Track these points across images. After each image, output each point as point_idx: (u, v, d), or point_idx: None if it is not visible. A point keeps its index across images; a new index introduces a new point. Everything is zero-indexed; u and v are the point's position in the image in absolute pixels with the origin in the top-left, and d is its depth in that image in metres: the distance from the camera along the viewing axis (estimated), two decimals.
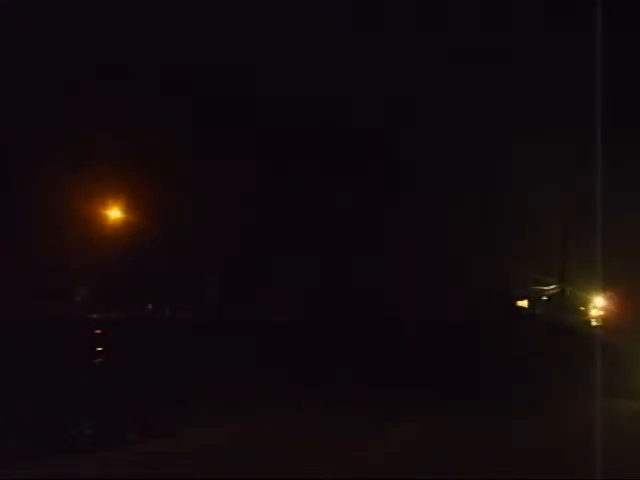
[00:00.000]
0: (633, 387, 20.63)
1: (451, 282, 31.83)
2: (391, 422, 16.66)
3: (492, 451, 13.67)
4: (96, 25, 27.63)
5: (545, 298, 34.38)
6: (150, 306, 29.25)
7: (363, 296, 31.68)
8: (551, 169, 28.97)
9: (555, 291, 33.42)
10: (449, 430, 15.97)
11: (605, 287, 29.88)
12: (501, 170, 29.82)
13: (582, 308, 33.15)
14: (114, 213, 28.42)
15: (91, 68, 27.20)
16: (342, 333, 25.29)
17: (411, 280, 32.19)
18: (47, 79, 26.10)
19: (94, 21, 27.53)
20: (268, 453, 13.26)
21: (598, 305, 31.61)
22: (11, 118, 25.25)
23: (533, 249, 30.05)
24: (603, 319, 29.81)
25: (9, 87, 24.48)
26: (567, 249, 29.51)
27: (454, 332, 25.95)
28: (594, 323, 30.89)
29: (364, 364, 22.23)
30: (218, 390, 18.93)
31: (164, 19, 28.63)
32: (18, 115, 25.47)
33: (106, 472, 11.86)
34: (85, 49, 27.15)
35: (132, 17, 28.11)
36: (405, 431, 15.82)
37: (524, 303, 35.65)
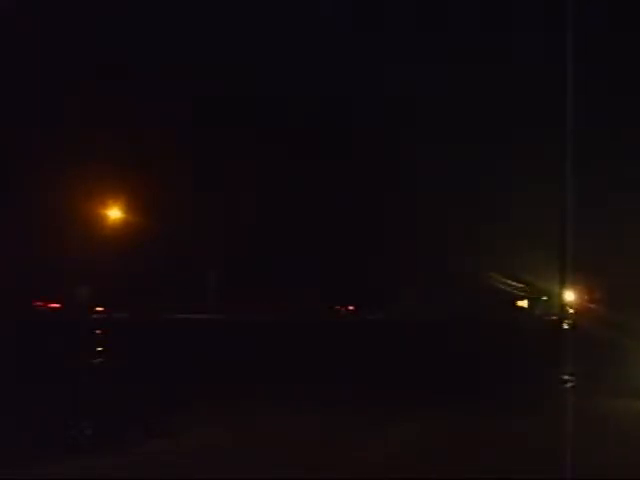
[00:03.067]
0: (637, 387, 20.55)
1: (450, 282, 31.85)
2: (391, 422, 16.65)
3: (492, 451, 13.65)
4: (96, 25, 27.65)
5: (545, 298, 34.33)
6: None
7: (362, 296, 31.68)
8: (550, 169, 28.91)
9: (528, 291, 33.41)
10: (449, 430, 15.96)
11: (577, 282, 29.95)
12: (501, 170, 29.82)
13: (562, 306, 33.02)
14: (114, 213, 28.41)
15: (91, 68, 27.21)
16: (342, 333, 25.30)
17: (411, 280, 32.21)
18: (47, 79, 26.11)
19: (94, 21, 27.54)
20: (268, 453, 13.26)
21: (570, 300, 31.52)
22: (11, 118, 25.25)
23: (524, 248, 29.94)
24: (577, 314, 29.70)
25: (9, 87, 24.48)
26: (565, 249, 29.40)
27: (454, 332, 25.94)
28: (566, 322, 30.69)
29: (364, 364, 22.22)
30: (218, 390, 18.95)
31: (164, 19, 28.65)
32: (18, 115, 25.48)
33: (106, 472, 11.86)
34: (85, 49, 27.17)
35: (132, 17, 28.13)
36: (405, 431, 15.82)
37: (524, 303, 35.63)
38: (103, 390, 15.07)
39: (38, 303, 26.18)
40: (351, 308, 32.63)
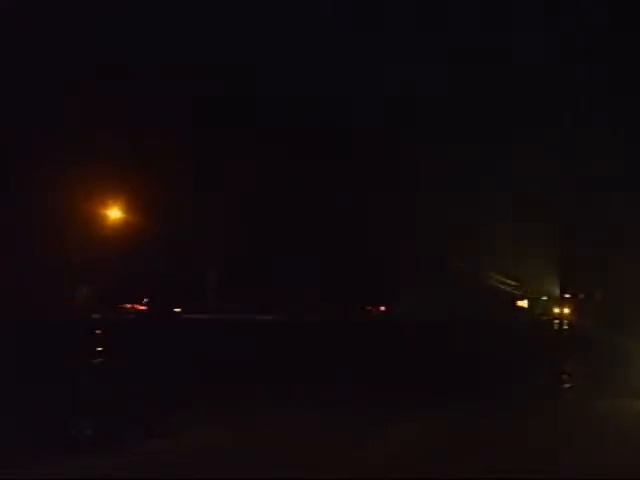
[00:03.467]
0: (637, 387, 20.50)
1: (450, 282, 31.86)
2: (391, 422, 16.63)
3: (492, 451, 13.65)
4: (96, 25, 27.64)
5: (545, 298, 34.36)
6: None
7: (362, 295, 31.68)
8: (550, 169, 29.01)
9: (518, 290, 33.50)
10: (449, 430, 15.95)
11: (576, 282, 30.11)
12: (501, 170, 29.85)
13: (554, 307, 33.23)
14: (114, 213, 28.34)
15: (91, 68, 27.21)
16: (342, 333, 25.29)
17: (411, 280, 32.21)
18: (47, 79, 26.11)
19: (94, 21, 27.53)
20: (268, 453, 13.25)
21: (569, 300, 31.52)
22: (11, 118, 25.25)
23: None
24: (577, 314, 29.65)
25: (9, 87, 24.48)
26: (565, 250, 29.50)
27: (454, 332, 25.95)
28: (559, 322, 30.71)
29: (364, 364, 22.22)
30: (218, 390, 18.95)
31: (164, 19, 28.65)
32: (18, 115, 25.48)
33: (106, 472, 11.85)
34: (85, 49, 27.16)
35: (132, 17, 28.12)
36: (405, 431, 15.81)
37: (524, 303, 35.65)
38: (103, 390, 15.08)
39: (127, 306, 27.18)
40: (382, 309, 32.89)
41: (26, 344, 16.79)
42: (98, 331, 18.99)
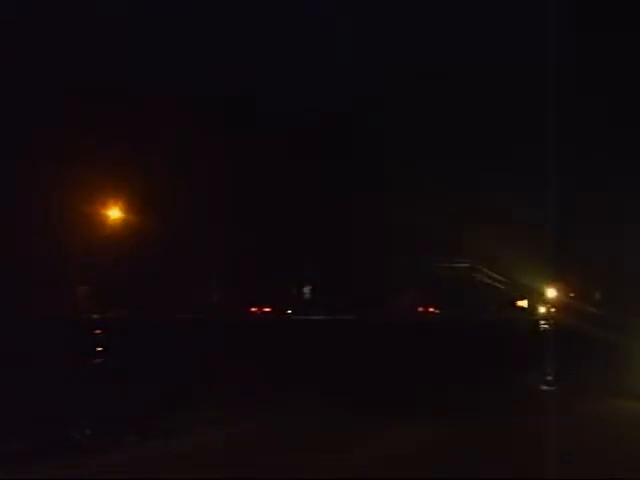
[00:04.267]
0: (635, 387, 20.48)
1: (448, 281, 31.95)
2: (392, 422, 16.65)
3: (492, 451, 13.67)
4: (96, 25, 27.66)
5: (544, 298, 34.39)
6: None
7: (362, 295, 31.73)
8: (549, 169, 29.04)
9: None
10: (450, 430, 15.96)
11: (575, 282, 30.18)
12: (500, 170, 29.89)
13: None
14: (114, 213, 28.32)
15: (91, 67, 27.24)
16: (342, 333, 25.32)
17: (410, 279, 32.26)
18: (48, 79, 26.15)
19: (94, 21, 27.55)
20: (268, 453, 13.26)
21: (569, 300, 31.54)
22: (11, 118, 25.28)
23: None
24: (576, 315, 29.58)
25: (9, 87, 24.52)
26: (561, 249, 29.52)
27: (454, 332, 26.01)
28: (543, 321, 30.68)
29: (364, 364, 22.25)
30: (218, 390, 18.97)
31: (164, 20, 28.71)
32: (18, 115, 25.51)
33: (106, 472, 11.86)
34: (86, 46, 27.18)
35: (132, 18, 28.16)
36: (406, 431, 15.82)
37: (524, 303, 35.68)
38: (103, 390, 15.11)
39: (253, 308, 29.96)
40: (431, 310, 33.23)
41: (26, 344, 16.81)
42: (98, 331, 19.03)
